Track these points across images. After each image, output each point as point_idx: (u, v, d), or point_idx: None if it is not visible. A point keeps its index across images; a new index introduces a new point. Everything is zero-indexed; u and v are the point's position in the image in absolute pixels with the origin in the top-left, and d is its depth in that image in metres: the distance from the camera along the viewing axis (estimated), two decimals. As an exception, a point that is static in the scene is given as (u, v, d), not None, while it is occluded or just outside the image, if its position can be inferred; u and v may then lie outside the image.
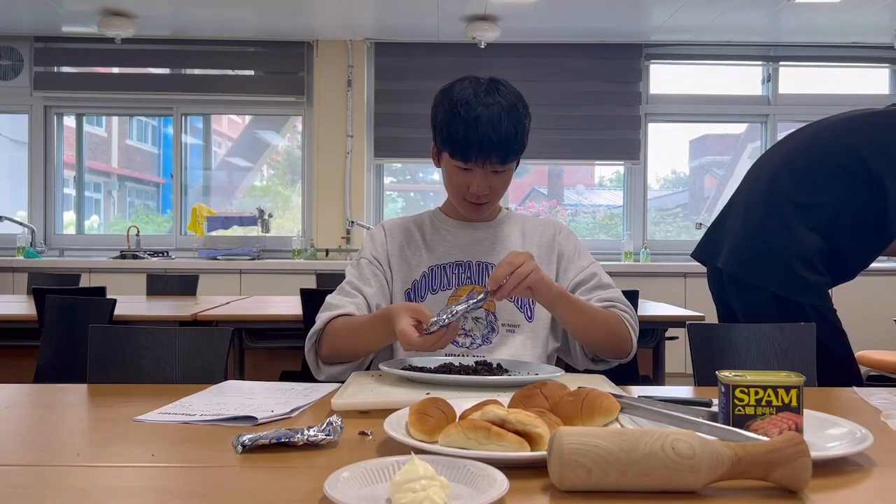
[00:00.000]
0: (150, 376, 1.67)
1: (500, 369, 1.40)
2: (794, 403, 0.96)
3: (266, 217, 5.64)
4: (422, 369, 1.37)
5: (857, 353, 3.39)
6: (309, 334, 1.53)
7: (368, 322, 1.49)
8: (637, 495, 0.80)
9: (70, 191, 6.00)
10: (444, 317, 1.30)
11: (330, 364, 1.52)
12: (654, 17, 5.20)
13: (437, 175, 5.74)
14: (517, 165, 1.59)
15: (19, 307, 3.28)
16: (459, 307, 1.32)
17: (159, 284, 4.15)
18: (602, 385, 1.31)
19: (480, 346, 1.56)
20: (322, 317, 1.54)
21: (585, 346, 1.55)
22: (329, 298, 1.58)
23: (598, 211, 6.34)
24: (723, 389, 0.98)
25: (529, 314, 1.59)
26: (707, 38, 5.60)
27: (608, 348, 1.54)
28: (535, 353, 1.57)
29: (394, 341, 1.50)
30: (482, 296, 1.35)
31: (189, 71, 5.74)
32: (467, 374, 1.34)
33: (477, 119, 1.47)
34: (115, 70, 5.80)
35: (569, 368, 1.65)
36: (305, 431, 0.98)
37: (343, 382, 1.36)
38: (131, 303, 3.32)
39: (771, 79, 5.82)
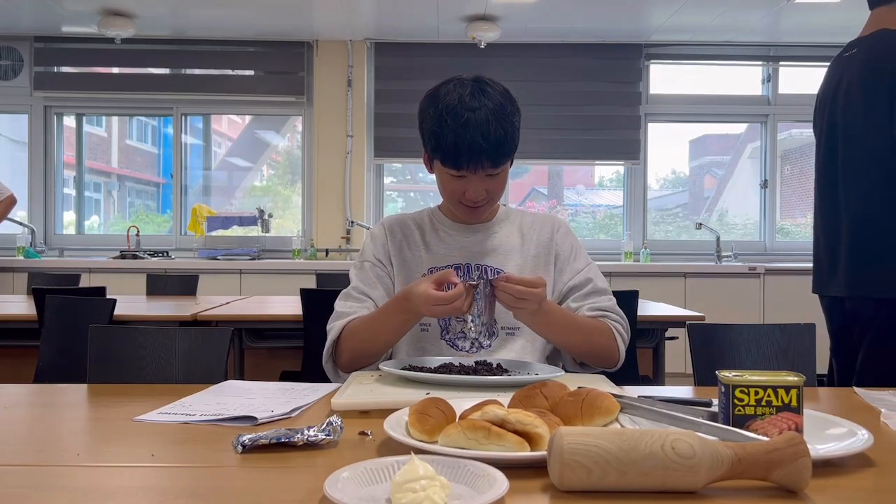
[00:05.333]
0: (150, 376, 1.67)
1: (499, 369, 1.40)
2: (794, 403, 0.96)
3: (266, 217, 5.64)
4: (422, 369, 1.37)
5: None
6: (326, 346, 1.54)
7: (385, 309, 1.50)
8: (637, 495, 0.80)
9: (70, 191, 6.00)
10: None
11: (350, 372, 1.51)
12: (654, 17, 5.20)
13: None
14: (511, 164, 1.58)
15: (19, 307, 3.27)
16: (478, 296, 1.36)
17: (159, 284, 4.15)
18: (602, 385, 1.31)
19: (480, 348, 1.55)
20: (336, 325, 1.54)
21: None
22: (338, 307, 1.58)
23: (598, 211, 6.34)
24: (723, 389, 0.98)
25: None
26: (707, 38, 5.60)
27: (593, 361, 1.55)
28: (535, 356, 1.57)
29: (414, 323, 1.50)
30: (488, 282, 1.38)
31: (189, 71, 5.74)
32: (467, 374, 1.34)
33: (465, 126, 1.44)
34: (115, 70, 5.80)
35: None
36: (305, 431, 0.98)
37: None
38: (131, 303, 3.32)
39: (771, 79, 5.83)
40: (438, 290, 1.35)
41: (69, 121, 5.97)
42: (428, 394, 1.17)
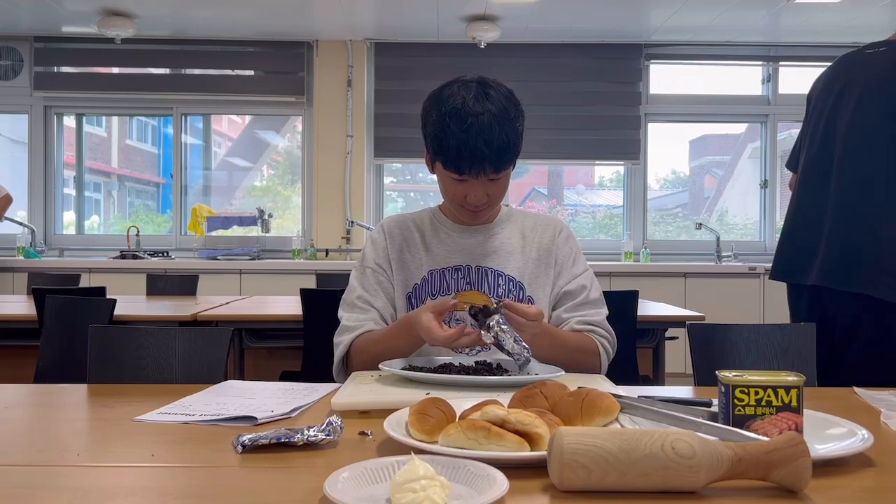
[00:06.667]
0: (150, 376, 1.67)
1: (499, 369, 1.40)
2: (793, 403, 0.96)
3: (266, 217, 5.64)
4: (422, 369, 1.37)
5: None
6: (335, 361, 1.54)
7: (391, 333, 1.50)
8: (637, 495, 0.80)
9: (70, 191, 6.00)
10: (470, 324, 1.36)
11: None
12: (654, 17, 5.20)
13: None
14: (514, 167, 1.57)
15: (19, 307, 3.27)
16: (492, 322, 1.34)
17: (159, 284, 4.15)
18: (602, 385, 1.31)
19: (480, 351, 1.56)
20: (343, 340, 1.55)
21: None
22: (344, 320, 1.59)
23: (598, 211, 6.34)
24: (723, 389, 0.98)
25: None
26: (707, 38, 5.60)
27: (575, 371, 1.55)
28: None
29: (420, 346, 1.50)
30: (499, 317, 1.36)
31: (189, 71, 5.74)
32: (467, 374, 1.35)
33: (468, 131, 1.44)
34: (115, 70, 5.80)
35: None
36: (305, 431, 0.98)
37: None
38: (131, 303, 3.32)
39: (771, 79, 5.83)
40: (439, 320, 1.37)
41: (69, 121, 5.97)
42: (428, 394, 1.17)
